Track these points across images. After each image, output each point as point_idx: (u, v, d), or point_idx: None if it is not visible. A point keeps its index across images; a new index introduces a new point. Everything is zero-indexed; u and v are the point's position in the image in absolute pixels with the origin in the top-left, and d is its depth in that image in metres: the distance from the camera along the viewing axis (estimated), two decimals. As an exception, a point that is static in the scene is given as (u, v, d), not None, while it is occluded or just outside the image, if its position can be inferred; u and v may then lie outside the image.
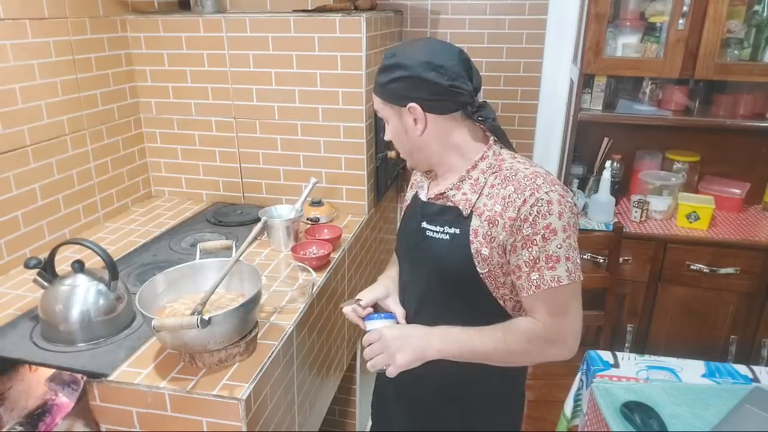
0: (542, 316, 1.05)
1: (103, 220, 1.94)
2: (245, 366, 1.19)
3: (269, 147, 2.04)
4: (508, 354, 1.08)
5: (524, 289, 1.05)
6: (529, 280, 1.04)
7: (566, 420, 1.71)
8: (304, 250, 1.68)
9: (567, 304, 1.05)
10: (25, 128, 1.59)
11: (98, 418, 1.19)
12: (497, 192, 1.06)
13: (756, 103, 2.29)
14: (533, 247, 1.02)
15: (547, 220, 1.00)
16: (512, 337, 1.07)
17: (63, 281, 1.27)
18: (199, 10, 2.05)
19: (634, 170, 2.52)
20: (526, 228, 1.01)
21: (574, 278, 1.02)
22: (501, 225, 1.04)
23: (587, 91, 2.35)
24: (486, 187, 1.09)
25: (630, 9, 2.21)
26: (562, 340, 1.07)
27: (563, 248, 1.01)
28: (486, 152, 1.12)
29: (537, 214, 1.00)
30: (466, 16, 2.37)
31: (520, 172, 1.06)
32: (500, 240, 1.04)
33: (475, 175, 1.10)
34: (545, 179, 1.04)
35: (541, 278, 1.02)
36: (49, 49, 1.65)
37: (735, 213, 2.38)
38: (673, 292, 2.24)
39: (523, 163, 1.09)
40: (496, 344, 1.07)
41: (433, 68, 1.04)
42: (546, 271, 1.02)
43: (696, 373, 1.57)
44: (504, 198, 1.04)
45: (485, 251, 1.06)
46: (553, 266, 1.02)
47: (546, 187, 1.02)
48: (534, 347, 1.07)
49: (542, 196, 1.01)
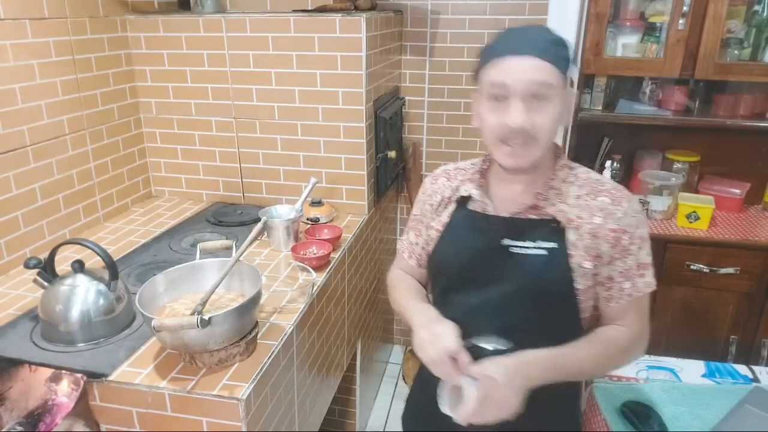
0: (632, 322, 1.07)
1: (103, 220, 1.94)
2: (245, 366, 1.19)
3: (269, 147, 2.04)
4: (608, 366, 1.10)
5: (614, 299, 1.05)
6: (621, 290, 1.04)
7: (566, 420, 1.70)
8: (304, 250, 1.68)
9: (648, 307, 1.09)
10: (25, 128, 1.59)
11: (98, 418, 1.19)
12: (587, 203, 1.03)
13: (756, 103, 2.29)
14: (629, 257, 1.03)
15: (640, 230, 1.03)
16: (612, 348, 1.05)
17: (63, 281, 1.27)
18: (199, 10, 2.05)
19: (634, 170, 2.51)
20: (626, 238, 1.02)
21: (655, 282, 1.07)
22: (603, 237, 1.02)
23: (587, 91, 2.35)
24: (571, 198, 1.05)
25: (630, 9, 2.20)
26: (645, 341, 1.10)
27: (650, 255, 1.05)
28: (561, 162, 1.09)
29: (634, 224, 1.02)
30: (466, 16, 2.37)
31: (606, 183, 1.06)
32: (602, 252, 1.02)
33: (556, 185, 1.06)
34: (625, 189, 1.06)
35: (633, 286, 1.04)
36: (49, 49, 1.65)
37: (735, 213, 2.38)
38: (673, 292, 2.24)
39: (595, 173, 1.09)
40: (598, 359, 1.04)
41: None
42: (638, 278, 1.04)
43: (696, 373, 1.57)
44: (602, 210, 1.02)
45: (587, 264, 1.02)
46: (643, 273, 1.04)
47: (634, 198, 1.05)
48: (629, 353, 1.09)
49: (636, 206, 1.04)
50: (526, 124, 0.96)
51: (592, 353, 1.03)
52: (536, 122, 0.96)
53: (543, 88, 0.95)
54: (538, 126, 0.97)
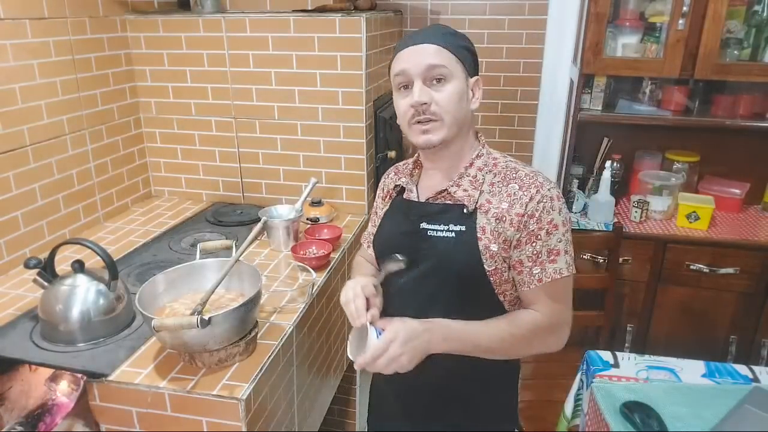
0: (544, 307, 1.09)
1: (103, 220, 1.94)
2: (245, 366, 1.19)
3: (269, 147, 2.04)
4: (513, 346, 1.10)
5: (525, 284, 1.09)
6: (531, 274, 1.08)
7: (566, 420, 1.71)
8: (304, 250, 1.68)
9: (565, 294, 1.11)
10: (25, 128, 1.59)
11: (98, 418, 1.19)
12: (499, 190, 1.10)
13: (755, 103, 2.29)
14: (537, 242, 1.06)
15: (550, 215, 1.06)
16: (518, 329, 1.09)
17: (63, 281, 1.27)
18: (199, 10, 2.05)
19: (634, 170, 2.52)
20: (532, 224, 1.05)
21: (571, 270, 1.09)
22: (508, 221, 1.07)
23: (587, 91, 2.35)
24: (485, 185, 1.11)
25: (630, 9, 2.21)
26: (560, 328, 1.12)
27: (563, 242, 1.07)
28: (481, 150, 1.15)
29: (542, 210, 1.05)
30: (466, 16, 2.37)
31: (520, 171, 1.11)
32: (507, 236, 1.07)
33: (472, 173, 1.13)
34: (544, 177, 1.10)
35: (543, 271, 1.07)
36: (49, 49, 1.65)
37: (735, 213, 2.38)
38: (673, 292, 2.24)
39: (516, 163, 1.14)
40: (502, 336, 1.08)
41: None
42: (548, 264, 1.07)
43: (696, 373, 1.57)
44: (510, 195, 1.08)
45: (494, 247, 1.07)
46: (554, 259, 1.07)
47: (547, 185, 1.08)
48: (537, 337, 1.11)
49: (546, 193, 1.06)
50: (426, 99, 1.06)
51: (498, 330, 1.08)
52: (436, 99, 1.06)
53: (438, 69, 1.06)
54: (438, 103, 1.06)
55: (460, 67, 1.08)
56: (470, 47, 1.12)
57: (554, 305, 1.09)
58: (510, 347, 1.10)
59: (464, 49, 1.10)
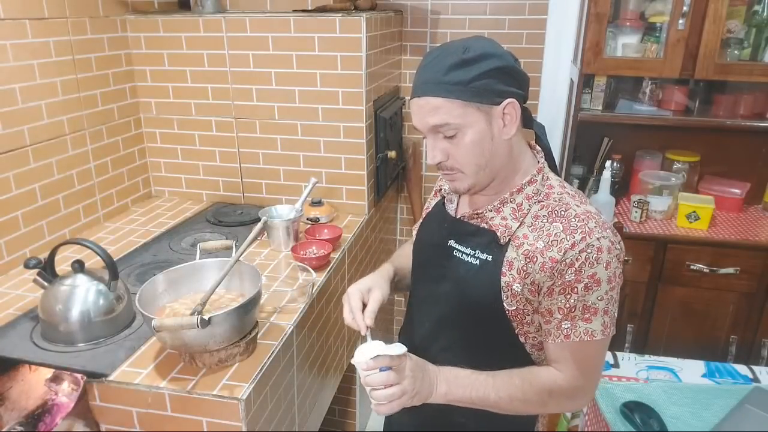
0: (566, 368, 0.98)
1: (103, 220, 1.94)
2: (245, 366, 1.19)
3: (269, 147, 2.04)
4: (523, 404, 1.00)
5: (551, 335, 0.97)
6: (560, 328, 0.96)
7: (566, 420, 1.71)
8: (304, 250, 1.68)
9: (594, 359, 0.99)
10: (25, 128, 1.59)
11: (98, 418, 1.19)
12: (541, 225, 0.97)
13: (756, 103, 2.29)
14: (572, 294, 0.93)
15: (593, 269, 0.92)
16: (531, 388, 0.98)
17: (63, 281, 1.26)
18: (199, 10, 2.05)
19: (634, 170, 2.52)
20: (570, 274, 0.92)
21: (607, 333, 0.95)
22: (540, 263, 0.94)
23: (587, 91, 2.35)
24: (529, 217, 0.98)
25: (630, 9, 2.21)
26: (583, 394, 1.02)
27: (604, 300, 0.94)
28: (535, 176, 1.01)
29: (584, 261, 0.91)
30: (466, 16, 2.37)
31: (570, 209, 0.96)
32: (536, 279, 0.95)
33: (518, 200, 1.00)
34: (597, 222, 0.94)
35: (573, 328, 0.95)
36: (49, 49, 1.65)
37: (735, 213, 2.38)
38: (673, 293, 2.24)
39: (574, 197, 0.99)
40: (512, 393, 0.98)
41: (516, 59, 0.94)
42: (580, 321, 0.94)
43: (696, 373, 1.58)
44: (549, 235, 0.95)
45: (517, 287, 0.97)
46: (589, 318, 0.94)
47: (598, 233, 0.92)
48: (553, 401, 1.00)
49: (593, 242, 0.92)
50: (441, 158, 0.97)
51: (508, 385, 0.98)
52: (452, 154, 0.96)
53: (443, 128, 0.94)
54: (455, 157, 0.97)
55: (474, 108, 0.92)
56: (491, 68, 0.91)
57: (579, 369, 0.97)
58: (520, 405, 1.00)
59: (480, 77, 0.91)
